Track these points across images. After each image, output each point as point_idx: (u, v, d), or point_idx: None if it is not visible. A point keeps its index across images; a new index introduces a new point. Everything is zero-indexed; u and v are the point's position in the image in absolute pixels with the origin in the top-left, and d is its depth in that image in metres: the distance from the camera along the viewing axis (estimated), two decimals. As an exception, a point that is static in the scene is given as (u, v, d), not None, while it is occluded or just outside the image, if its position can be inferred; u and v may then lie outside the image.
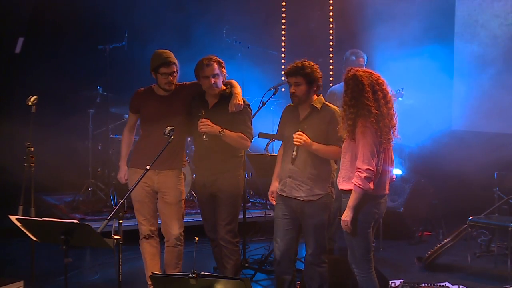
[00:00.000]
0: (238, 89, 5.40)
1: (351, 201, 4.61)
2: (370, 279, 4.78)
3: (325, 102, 5.07)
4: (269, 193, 5.25)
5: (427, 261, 6.78)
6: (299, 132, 4.90)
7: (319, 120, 4.98)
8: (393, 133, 4.69)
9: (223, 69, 5.35)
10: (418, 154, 8.32)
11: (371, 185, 4.58)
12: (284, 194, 5.08)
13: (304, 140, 4.88)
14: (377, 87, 4.62)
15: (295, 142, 4.89)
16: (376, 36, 8.40)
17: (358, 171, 4.56)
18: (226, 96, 5.35)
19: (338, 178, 4.82)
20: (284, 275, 5.16)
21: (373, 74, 4.68)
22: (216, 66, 5.29)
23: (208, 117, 5.25)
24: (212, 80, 5.28)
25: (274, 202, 5.21)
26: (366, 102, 4.56)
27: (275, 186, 5.22)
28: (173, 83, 5.38)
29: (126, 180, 5.57)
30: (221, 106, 5.33)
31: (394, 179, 4.99)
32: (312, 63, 5.00)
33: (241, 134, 5.30)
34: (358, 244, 4.73)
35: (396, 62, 7.82)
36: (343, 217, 4.66)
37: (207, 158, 5.42)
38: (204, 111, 5.26)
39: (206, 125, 5.20)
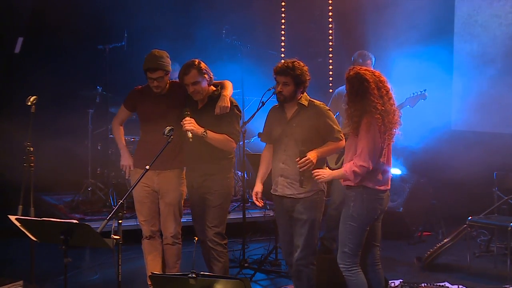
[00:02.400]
0: (227, 91, 5.37)
1: (336, 175, 4.80)
2: (356, 273, 4.80)
3: (310, 99, 5.08)
4: (253, 194, 5.22)
5: (427, 261, 6.78)
6: (305, 158, 4.85)
7: (307, 117, 4.98)
8: (395, 129, 4.74)
9: (205, 75, 5.29)
10: (417, 154, 8.32)
11: (357, 180, 4.66)
12: (277, 193, 5.10)
13: (312, 161, 4.85)
14: (380, 84, 4.71)
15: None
16: (375, 36, 8.41)
17: (354, 164, 4.63)
18: (215, 97, 5.34)
19: None
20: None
21: (375, 72, 4.77)
22: (195, 72, 5.24)
23: (196, 118, 5.23)
24: (192, 88, 5.28)
25: (258, 203, 5.20)
26: (372, 98, 4.63)
27: (259, 187, 5.22)
28: (160, 86, 5.37)
29: (131, 166, 5.54)
30: (209, 108, 5.32)
31: (391, 177, 5.03)
32: (302, 64, 5.00)
33: (226, 136, 5.28)
34: (354, 238, 4.74)
35: (395, 62, 7.82)
36: (321, 172, 4.76)
37: (195, 159, 5.41)
38: (189, 110, 5.24)
39: (190, 124, 5.17)
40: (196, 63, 5.28)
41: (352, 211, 4.75)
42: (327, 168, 5.16)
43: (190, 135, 5.15)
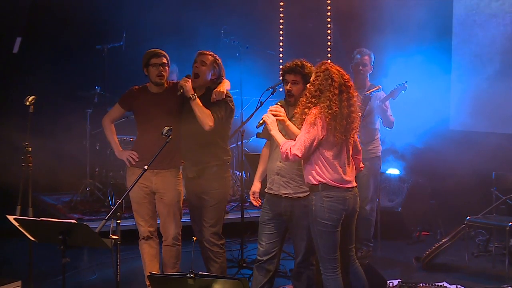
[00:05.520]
0: (224, 84, 5.51)
1: (276, 136, 4.71)
2: (334, 279, 4.74)
3: None
4: (251, 193, 5.21)
5: (425, 261, 6.79)
6: (279, 108, 4.81)
7: None
8: (351, 133, 4.71)
9: (215, 68, 5.47)
10: (416, 154, 8.32)
11: (284, 159, 4.69)
12: (272, 192, 5.04)
13: (283, 115, 4.78)
14: (344, 88, 4.67)
15: (265, 120, 4.79)
16: (374, 36, 8.41)
17: (290, 149, 4.59)
18: (212, 89, 5.44)
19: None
20: (264, 274, 5.08)
21: (345, 75, 4.73)
22: (211, 58, 5.45)
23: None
24: (198, 66, 5.44)
25: (255, 203, 5.17)
26: (330, 96, 4.60)
27: (257, 186, 5.21)
28: (164, 75, 5.43)
29: (133, 155, 5.51)
30: (206, 98, 5.40)
31: (362, 169, 5.02)
32: (310, 64, 4.99)
33: (210, 112, 5.32)
34: (324, 241, 4.70)
35: (394, 62, 7.82)
36: (270, 119, 4.72)
37: (190, 150, 5.47)
38: (191, 77, 5.41)
39: (186, 81, 5.32)
40: (217, 56, 5.51)
41: (314, 215, 4.69)
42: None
43: (180, 90, 5.31)
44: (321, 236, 4.69)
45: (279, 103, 4.95)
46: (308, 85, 4.75)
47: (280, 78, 5.14)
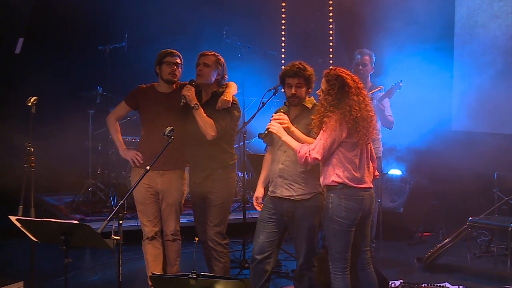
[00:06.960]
0: (231, 89, 5.45)
1: (289, 142, 4.75)
2: (343, 279, 4.75)
3: (316, 103, 5.05)
4: (254, 198, 5.21)
5: (427, 262, 6.79)
6: (283, 116, 4.84)
7: (309, 119, 4.92)
8: (372, 132, 4.74)
9: (219, 68, 5.41)
10: (418, 154, 8.32)
11: (303, 163, 4.72)
12: (275, 194, 5.03)
13: (287, 122, 4.83)
14: (358, 90, 4.71)
15: (271, 130, 4.83)
16: (376, 36, 8.40)
17: (309, 152, 4.63)
18: (219, 94, 5.40)
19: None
20: (260, 275, 5.04)
21: (354, 77, 4.76)
22: (214, 59, 5.41)
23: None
24: (200, 68, 5.39)
25: (258, 208, 5.16)
26: (350, 103, 4.63)
27: (260, 192, 5.22)
28: (176, 74, 5.44)
29: (137, 156, 5.49)
30: (211, 103, 5.38)
31: (377, 177, 5.03)
32: (307, 65, 5.00)
33: (212, 121, 5.30)
34: (338, 241, 4.71)
35: (395, 62, 7.82)
36: (278, 126, 4.76)
37: (198, 156, 5.44)
38: (195, 82, 5.39)
39: (188, 90, 5.28)
40: (220, 55, 5.47)
41: (331, 213, 4.70)
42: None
43: (183, 100, 5.27)
44: (335, 234, 4.70)
45: (281, 110, 4.95)
46: (323, 95, 4.73)
47: (280, 81, 5.10)
